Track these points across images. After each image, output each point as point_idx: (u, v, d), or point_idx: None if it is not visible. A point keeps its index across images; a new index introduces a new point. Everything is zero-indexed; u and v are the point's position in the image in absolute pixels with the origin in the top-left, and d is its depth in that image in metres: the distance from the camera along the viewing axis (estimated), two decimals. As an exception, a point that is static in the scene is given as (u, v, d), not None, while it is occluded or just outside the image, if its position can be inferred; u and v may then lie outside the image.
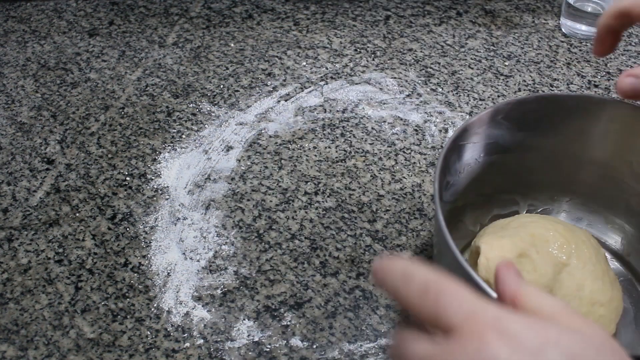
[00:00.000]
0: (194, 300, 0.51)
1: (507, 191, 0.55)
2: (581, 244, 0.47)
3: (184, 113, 0.67)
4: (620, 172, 0.51)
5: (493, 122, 0.49)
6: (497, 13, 0.82)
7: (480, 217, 0.55)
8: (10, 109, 0.67)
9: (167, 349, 0.48)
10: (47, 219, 0.57)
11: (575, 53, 0.76)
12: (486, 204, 0.55)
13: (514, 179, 0.54)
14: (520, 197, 0.55)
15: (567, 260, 0.46)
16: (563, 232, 0.47)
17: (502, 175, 0.53)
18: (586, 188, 0.54)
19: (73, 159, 0.62)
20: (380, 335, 0.49)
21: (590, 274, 0.45)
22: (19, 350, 0.48)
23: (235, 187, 0.60)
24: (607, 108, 0.49)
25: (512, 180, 0.54)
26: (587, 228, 0.54)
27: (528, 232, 0.47)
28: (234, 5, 0.82)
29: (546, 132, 0.51)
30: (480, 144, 0.49)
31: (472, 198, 0.52)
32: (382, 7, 0.82)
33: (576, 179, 0.53)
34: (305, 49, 0.76)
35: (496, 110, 0.48)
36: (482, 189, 0.52)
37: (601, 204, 0.54)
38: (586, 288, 0.45)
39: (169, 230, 0.56)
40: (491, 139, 0.50)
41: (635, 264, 0.52)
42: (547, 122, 0.50)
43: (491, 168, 0.51)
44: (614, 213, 0.53)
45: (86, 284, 0.52)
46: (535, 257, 0.45)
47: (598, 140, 0.50)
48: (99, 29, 0.78)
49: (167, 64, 0.73)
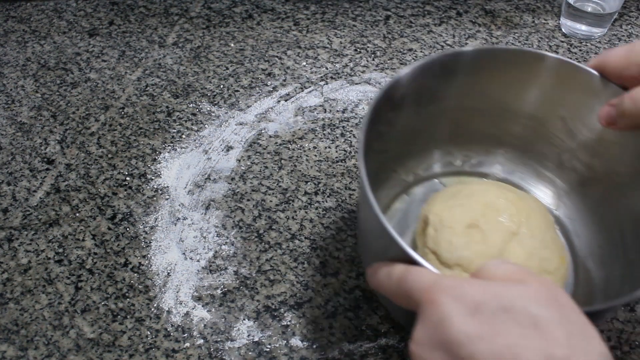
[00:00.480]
0: (194, 300, 0.51)
1: (442, 142, 0.55)
2: (531, 213, 0.47)
3: (184, 113, 0.67)
4: (553, 127, 0.51)
5: (428, 73, 0.48)
6: (497, 13, 0.82)
7: (414, 167, 0.55)
8: (10, 109, 0.67)
9: (167, 349, 0.48)
10: (47, 219, 0.57)
11: (575, 53, 0.76)
12: (421, 154, 0.55)
13: (448, 130, 0.54)
14: (455, 148, 0.56)
15: (517, 229, 0.46)
16: (514, 201, 0.47)
17: (437, 127, 0.53)
18: (520, 141, 0.54)
19: (73, 159, 0.62)
20: (380, 335, 0.49)
21: (540, 242, 0.46)
22: (19, 350, 0.48)
23: (235, 187, 0.60)
24: (541, 63, 0.48)
25: (446, 131, 0.54)
26: (519, 181, 0.55)
27: (478, 200, 0.47)
28: (234, 5, 0.82)
29: (481, 84, 0.51)
30: (414, 95, 0.49)
31: (406, 149, 0.53)
32: (382, 7, 0.82)
33: (510, 132, 0.54)
34: (305, 49, 0.76)
35: (431, 61, 0.48)
36: (416, 140, 0.53)
37: (534, 157, 0.54)
38: (535, 257, 0.45)
39: (169, 230, 0.56)
40: (425, 91, 0.49)
41: (563, 217, 0.53)
42: (482, 75, 0.50)
43: (426, 119, 0.52)
44: (545, 167, 0.54)
45: (86, 284, 0.52)
46: (485, 228, 0.45)
47: (532, 95, 0.50)
48: (99, 29, 0.78)
49: (167, 64, 0.73)
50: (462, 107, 0.52)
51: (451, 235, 0.45)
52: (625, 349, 0.49)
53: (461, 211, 0.46)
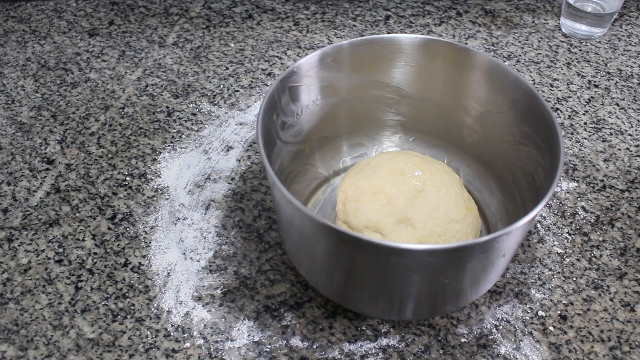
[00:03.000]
0: (194, 300, 0.51)
1: (353, 134, 0.58)
2: (435, 172, 0.50)
3: (184, 113, 0.67)
4: (452, 108, 0.54)
5: (323, 65, 0.51)
6: (497, 13, 0.82)
7: (331, 163, 0.58)
8: (10, 109, 0.67)
9: (167, 349, 0.48)
10: (47, 219, 0.57)
11: (575, 53, 0.76)
12: (335, 149, 0.58)
13: (357, 121, 0.57)
14: (367, 139, 0.58)
15: (422, 187, 0.49)
16: (418, 163, 0.51)
17: (346, 119, 0.56)
18: (427, 126, 0.57)
19: (73, 159, 0.62)
20: (380, 335, 0.49)
21: (444, 196, 0.49)
22: (19, 350, 0.48)
23: (235, 187, 0.60)
24: (437, 49, 0.52)
25: (356, 123, 0.57)
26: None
27: (384, 168, 0.50)
28: (234, 5, 0.82)
29: (383, 74, 0.53)
30: (314, 87, 0.51)
31: (317, 141, 0.55)
32: (382, 7, 0.82)
33: (418, 118, 0.57)
34: (305, 49, 0.76)
35: (324, 53, 0.50)
36: (327, 132, 0.55)
37: (442, 139, 0.58)
38: (441, 209, 0.48)
39: (169, 230, 0.56)
40: (325, 82, 0.52)
41: (473, 190, 0.56)
42: (382, 64, 0.53)
43: (332, 111, 0.54)
44: (454, 147, 0.57)
45: (86, 284, 0.52)
46: (390, 190, 0.48)
47: (432, 81, 0.54)
48: (99, 29, 0.78)
49: (167, 64, 0.73)
50: (364, 99, 0.55)
51: (357, 204, 0.48)
52: (625, 349, 0.49)
53: (367, 182, 0.49)
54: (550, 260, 0.54)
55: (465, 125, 0.55)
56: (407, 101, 0.56)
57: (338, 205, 0.50)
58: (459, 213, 0.49)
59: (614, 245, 0.56)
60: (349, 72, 0.52)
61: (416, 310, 0.46)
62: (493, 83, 0.51)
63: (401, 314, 0.47)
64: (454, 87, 0.53)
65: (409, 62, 0.53)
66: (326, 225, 0.39)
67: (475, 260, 0.41)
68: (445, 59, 0.52)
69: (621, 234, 0.57)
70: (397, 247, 0.38)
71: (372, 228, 0.48)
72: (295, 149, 0.53)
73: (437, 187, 0.49)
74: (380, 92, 0.55)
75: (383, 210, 0.48)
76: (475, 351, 0.48)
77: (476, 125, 0.54)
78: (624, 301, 0.52)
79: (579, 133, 0.66)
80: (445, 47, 0.51)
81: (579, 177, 0.61)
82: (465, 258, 0.40)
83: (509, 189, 0.52)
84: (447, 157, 0.58)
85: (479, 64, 0.51)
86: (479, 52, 0.50)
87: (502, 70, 0.49)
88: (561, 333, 0.50)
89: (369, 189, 0.49)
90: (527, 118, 0.48)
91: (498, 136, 0.52)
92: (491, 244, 0.40)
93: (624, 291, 0.52)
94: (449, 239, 0.48)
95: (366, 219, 0.48)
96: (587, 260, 0.54)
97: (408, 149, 0.59)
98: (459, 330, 0.49)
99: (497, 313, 0.51)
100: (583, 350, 0.49)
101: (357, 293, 0.45)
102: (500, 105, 0.51)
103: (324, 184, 0.58)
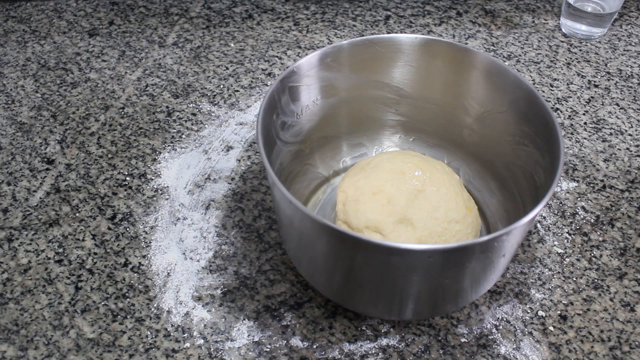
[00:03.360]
0: (194, 300, 0.51)
1: (353, 134, 0.58)
2: (435, 172, 0.50)
3: (184, 113, 0.67)
4: (452, 108, 0.54)
5: (323, 65, 0.51)
6: (497, 13, 0.82)
7: (331, 163, 0.58)
8: (10, 109, 0.67)
9: (167, 349, 0.48)
10: (47, 219, 0.57)
11: (575, 53, 0.76)
12: (335, 149, 0.58)
13: (357, 121, 0.57)
14: (367, 139, 0.58)
15: (422, 187, 0.49)
16: (418, 163, 0.51)
17: (346, 119, 0.56)
18: (427, 126, 0.57)
19: (73, 159, 0.62)
20: (380, 335, 0.49)
21: (444, 196, 0.49)
22: (19, 350, 0.48)
23: (235, 187, 0.60)
24: (437, 49, 0.52)
25: (356, 123, 0.57)
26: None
27: (384, 168, 0.50)
28: (234, 5, 0.82)
29: (383, 74, 0.53)
30: (314, 87, 0.51)
31: (317, 141, 0.55)
32: (382, 7, 0.82)
33: (418, 118, 0.57)
34: (305, 49, 0.76)
35: (324, 53, 0.50)
36: (327, 132, 0.55)
37: (442, 139, 0.58)
38: (440, 209, 0.48)
39: (169, 230, 0.56)
40: (325, 82, 0.52)
41: (473, 190, 0.56)
42: (382, 64, 0.53)
43: (332, 111, 0.54)
44: (454, 147, 0.57)
45: (86, 284, 0.52)
46: (390, 190, 0.48)
47: (432, 81, 0.54)
48: (99, 29, 0.78)
49: (167, 64, 0.73)
50: (364, 99, 0.55)
51: (357, 204, 0.48)
52: (625, 349, 0.49)
53: (366, 182, 0.49)
54: (550, 260, 0.54)
55: (465, 125, 0.55)
56: (407, 101, 0.56)
57: (338, 205, 0.50)
58: (459, 213, 0.49)
59: (614, 245, 0.56)
60: (349, 72, 0.52)
61: (416, 310, 0.46)
62: (493, 83, 0.51)
63: (401, 314, 0.47)
64: (454, 87, 0.53)
65: (409, 62, 0.53)
66: (326, 225, 0.39)
67: (475, 260, 0.41)
68: (445, 59, 0.52)
69: (621, 234, 0.57)
70: (397, 247, 0.38)
71: (372, 228, 0.48)
72: (295, 149, 0.53)
73: (437, 187, 0.49)
74: (380, 92, 0.55)
75: (383, 210, 0.48)
76: (475, 351, 0.48)
77: (476, 125, 0.54)
78: (624, 301, 0.52)
79: (579, 133, 0.66)
80: (445, 47, 0.51)
81: (579, 177, 0.61)
82: (465, 258, 0.40)
83: (509, 189, 0.52)
84: (447, 157, 0.58)
85: (479, 64, 0.51)
86: (479, 52, 0.50)
87: (502, 70, 0.49)
88: (561, 333, 0.50)
89: (369, 189, 0.49)
90: (527, 118, 0.48)
91: (498, 136, 0.52)
92: (491, 244, 0.40)
93: (624, 291, 0.52)
94: (449, 239, 0.48)
95: (366, 219, 0.48)
96: (587, 260, 0.55)
97: (408, 149, 0.59)
98: (459, 330, 0.49)
99: (497, 313, 0.51)
100: (583, 350, 0.49)
101: (357, 293, 0.45)
102: (500, 105, 0.51)
103: (324, 184, 0.58)
